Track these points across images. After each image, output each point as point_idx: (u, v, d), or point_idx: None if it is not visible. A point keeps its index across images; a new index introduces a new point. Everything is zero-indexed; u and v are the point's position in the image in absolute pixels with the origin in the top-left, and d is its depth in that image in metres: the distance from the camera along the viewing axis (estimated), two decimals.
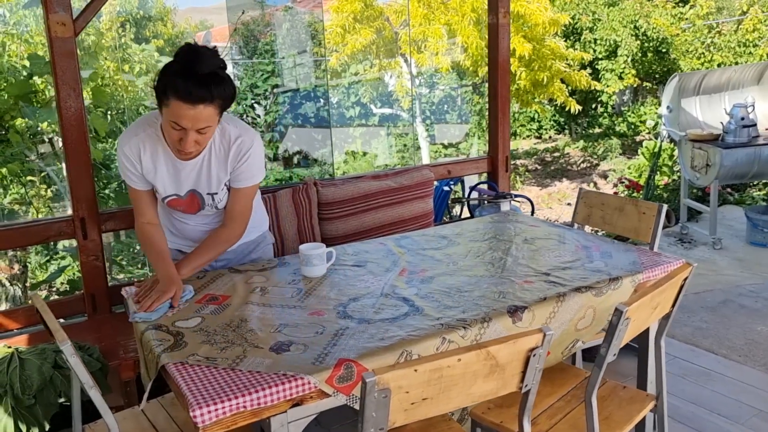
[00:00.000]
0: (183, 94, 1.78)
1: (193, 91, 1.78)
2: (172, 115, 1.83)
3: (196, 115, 1.82)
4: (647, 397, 1.95)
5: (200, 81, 1.79)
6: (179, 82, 1.78)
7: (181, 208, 2.14)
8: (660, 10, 12.50)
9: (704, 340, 3.38)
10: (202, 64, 1.79)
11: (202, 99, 1.80)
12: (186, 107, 1.80)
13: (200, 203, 2.12)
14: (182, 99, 1.79)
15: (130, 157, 2.01)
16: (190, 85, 1.78)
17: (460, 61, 9.96)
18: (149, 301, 1.83)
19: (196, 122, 1.83)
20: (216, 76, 1.82)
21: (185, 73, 1.79)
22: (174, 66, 1.82)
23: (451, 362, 1.30)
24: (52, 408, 2.12)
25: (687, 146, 5.35)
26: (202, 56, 1.81)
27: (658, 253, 2.22)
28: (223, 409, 1.36)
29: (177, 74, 1.80)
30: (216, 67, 1.83)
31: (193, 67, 1.79)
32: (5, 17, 6.17)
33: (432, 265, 2.15)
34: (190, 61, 1.80)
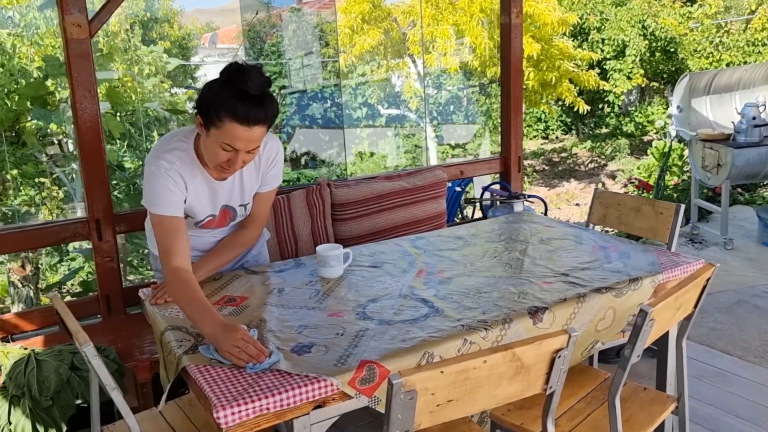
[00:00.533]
0: (241, 116, 1.71)
1: (251, 114, 1.72)
2: (226, 137, 1.75)
3: (251, 136, 1.76)
4: (668, 398, 1.94)
5: (256, 102, 1.73)
6: (237, 105, 1.71)
7: (214, 226, 2.08)
8: (668, 10, 12.45)
9: (719, 341, 3.36)
10: (254, 84, 1.72)
11: (259, 120, 1.74)
12: (242, 129, 1.73)
13: (232, 215, 2.09)
14: (239, 121, 1.72)
15: (177, 183, 1.87)
16: (247, 107, 1.71)
17: (468, 62, 9.95)
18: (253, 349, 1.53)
19: (249, 143, 1.77)
20: (266, 95, 1.77)
21: (241, 94, 1.71)
22: (226, 87, 1.74)
23: (476, 364, 1.29)
24: (69, 410, 2.12)
25: (698, 146, 5.32)
26: (253, 75, 1.73)
27: (677, 254, 2.20)
28: (247, 410, 1.35)
29: (233, 96, 1.71)
30: (266, 86, 1.76)
31: (246, 88, 1.71)
32: (15, 19, 6.19)
33: (449, 265, 2.14)
34: (243, 81, 1.72)
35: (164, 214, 1.85)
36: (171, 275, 1.79)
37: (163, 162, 1.86)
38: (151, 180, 1.86)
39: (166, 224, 1.85)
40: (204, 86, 1.81)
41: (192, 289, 1.74)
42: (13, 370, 2.14)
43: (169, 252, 1.82)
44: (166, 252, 1.82)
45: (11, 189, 5.04)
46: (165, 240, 1.84)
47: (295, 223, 2.92)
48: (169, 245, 1.82)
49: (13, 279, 4.28)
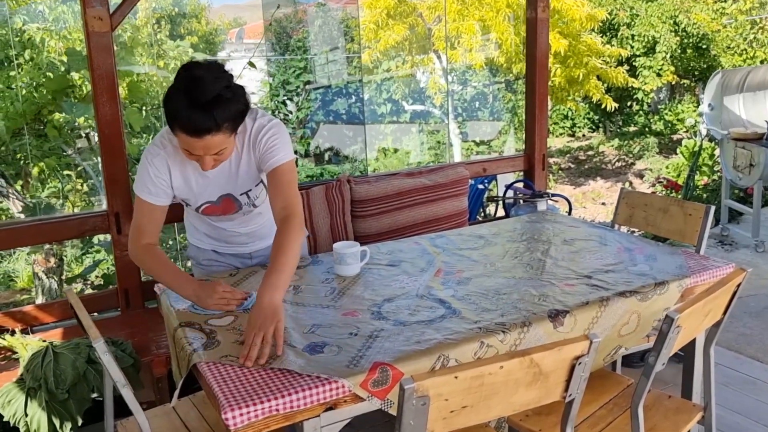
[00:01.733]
0: (189, 129, 1.69)
1: (197, 124, 1.68)
2: (183, 144, 1.76)
3: (206, 144, 1.73)
4: (694, 407, 1.87)
5: (203, 110, 1.67)
6: (184, 116, 1.68)
7: (219, 213, 2.06)
8: (701, 5, 12.16)
9: (748, 347, 3.25)
10: (203, 92, 1.67)
11: (208, 130, 1.69)
12: (194, 140, 1.71)
13: (236, 205, 2.05)
14: (188, 133, 1.70)
15: (159, 171, 1.90)
16: (192, 117, 1.67)
17: (493, 58, 9.84)
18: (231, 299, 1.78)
19: (207, 149, 1.75)
20: (219, 100, 1.69)
21: (190, 104, 1.67)
22: (176, 96, 1.70)
23: (492, 369, 1.24)
24: (85, 403, 2.13)
25: (729, 145, 5.18)
26: (202, 82, 1.67)
27: (706, 257, 2.12)
28: (256, 411, 1.32)
29: (182, 107, 1.68)
30: (218, 90, 1.69)
31: (192, 97, 1.67)
32: (45, 14, 6.27)
33: (468, 265, 2.09)
34: (189, 90, 1.68)
35: (142, 198, 1.92)
36: (142, 251, 1.90)
37: (152, 149, 1.93)
38: (140, 165, 1.94)
39: (142, 207, 1.93)
40: (165, 92, 1.77)
41: (164, 261, 1.88)
42: (30, 362, 2.15)
43: (140, 232, 1.91)
44: (138, 231, 1.92)
45: (36, 182, 5.11)
46: (139, 221, 1.93)
47: (314, 219, 2.89)
48: (142, 226, 1.92)
49: (38, 270, 4.34)
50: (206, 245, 2.21)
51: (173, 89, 1.72)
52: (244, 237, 2.19)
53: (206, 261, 2.24)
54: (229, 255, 2.23)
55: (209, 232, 2.18)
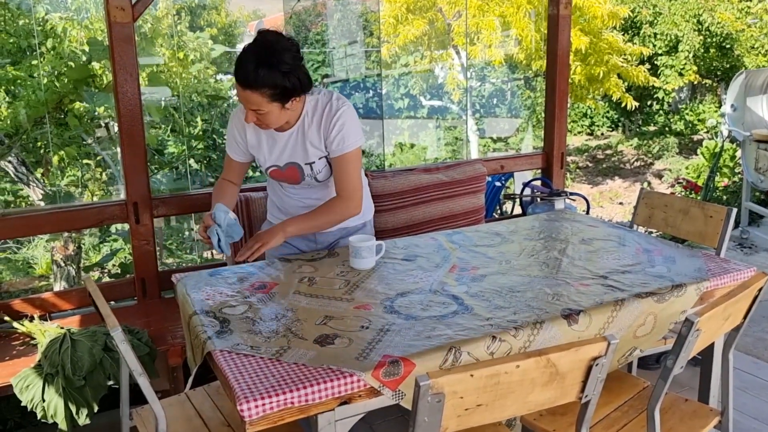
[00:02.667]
0: (236, 73, 1.95)
1: (241, 73, 1.93)
2: (241, 98, 2.00)
3: (247, 97, 1.96)
4: (711, 411, 1.85)
5: (252, 65, 1.91)
6: (238, 62, 1.94)
7: (283, 179, 2.25)
8: (725, 4, 11.97)
9: (766, 352, 3.21)
10: (260, 52, 1.92)
11: (248, 84, 1.93)
12: (239, 87, 1.96)
13: (300, 174, 2.20)
14: (235, 77, 1.97)
15: (238, 131, 2.19)
16: (242, 66, 1.92)
17: (513, 54, 9.77)
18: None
19: (247, 103, 1.98)
20: (269, 64, 1.91)
21: (246, 55, 1.93)
22: (245, 48, 1.97)
23: (508, 368, 1.24)
24: (101, 390, 2.15)
25: (751, 147, 5.10)
26: (267, 46, 1.94)
27: (727, 260, 2.09)
28: (271, 404, 1.33)
29: (241, 55, 1.95)
30: (274, 58, 1.92)
31: (252, 52, 1.93)
32: (67, 3, 6.33)
33: (484, 262, 2.08)
34: (255, 46, 1.94)
35: (227, 151, 2.28)
36: (217, 182, 2.29)
37: (235, 110, 2.22)
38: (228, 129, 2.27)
39: (226, 160, 2.29)
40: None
41: (220, 189, 2.24)
42: (48, 348, 2.17)
43: (224, 172, 2.29)
44: (224, 172, 2.29)
45: (56, 170, 5.17)
46: (225, 166, 2.30)
47: None
48: (226, 168, 2.29)
49: (57, 257, 4.39)
50: (277, 220, 2.29)
51: (249, 44, 1.98)
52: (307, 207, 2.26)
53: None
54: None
55: (280, 203, 2.33)
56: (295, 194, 2.28)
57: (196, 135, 5.86)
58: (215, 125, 6.40)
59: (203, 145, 6.33)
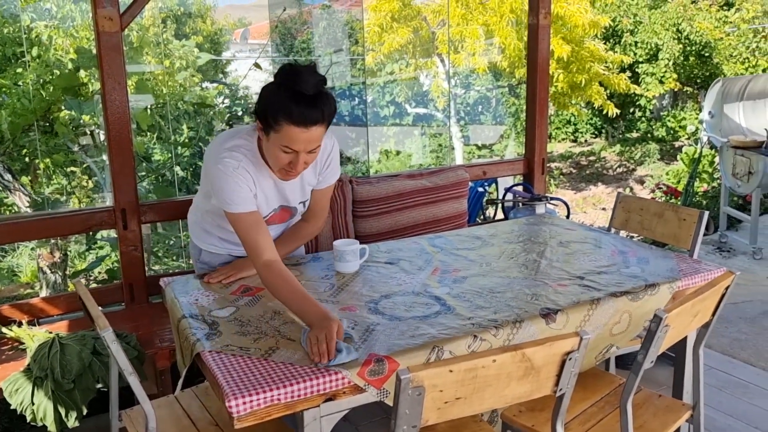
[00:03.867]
0: (297, 118, 1.73)
1: (307, 115, 1.74)
2: (285, 139, 1.78)
3: (310, 137, 1.78)
4: (683, 406, 1.92)
5: (311, 103, 1.74)
6: (293, 107, 1.73)
7: (276, 222, 2.13)
8: (704, 14, 12.22)
9: (742, 352, 3.30)
10: (308, 85, 1.74)
11: (316, 120, 1.76)
12: (300, 131, 1.75)
13: (291, 212, 2.16)
14: (296, 123, 1.74)
15: (246, 181, 1.89)
16: (303, 108, 1.73)
17: (497, 62, 9.89)
18: (324, 347, 1.51)
19: (308, 144, 1.80)
20: (322, 94, 1.77)
21: (296, 96, 1.73)
22: (281, 90, 1.76)
23: (485, 363, 1.30)
24: (90, 393, 2.18)
25: (729, 153, 5.22)
26: (306, 76, 1.75)
27: (698, 261, 2.17)
28: (258, 400, 1.38)
29: (288, 99, 1.73)
30: (321, 85, 1.77)
31: (301, 89, 1.73)
32: (53, 11, 6.33)
33: (465, 265, 2.14)
34: (297, 82, 1.74)
35: (241, 211, 1.87)
36: (265, 270, 1.80)
37: (230, 161, 1.88)
38: (223, 180, 1.87)
39: (245, 220, 1.87)
40: (261, 91, 1.82)
41: (290, 282, 1.76)
42: (37, 352, 2.20)
43: (256, 248, 1.83)
44: (253, 248, 1.84)
45: (42, 177, 5.18)
46: (249, 236, 1.85)
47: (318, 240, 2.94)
48: (255, 241, 1.84)
49: (42, 265, 4.40)
50: (221, 250, 2.20)
51: (275, 84, 1.78)
52: None
53: (221, 265, 2.17)
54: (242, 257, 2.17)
55: (228, 237, 2.13)
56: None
57: (183, 142, 5.88)
58: (201, 133, 6.43)
59: (189, 153, 6.35)
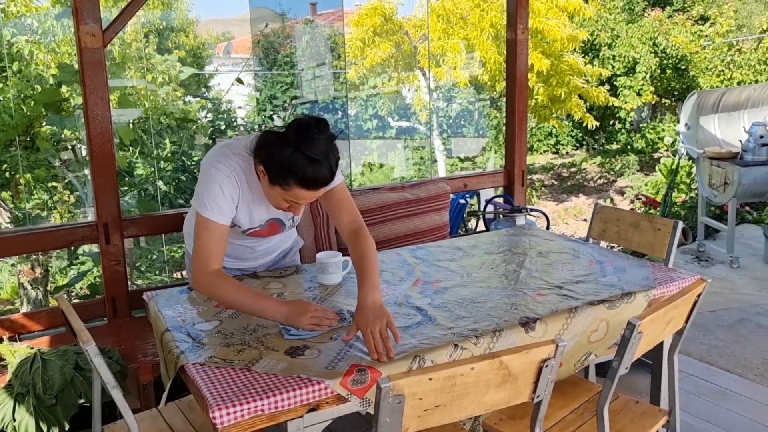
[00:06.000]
0: (310, 183, 1.76)
1: (319, 180, 1.76)
2: (292, 196, 1.81)
3: (317, 194, 1.83)
4: (660, 412, 1.96)
5: (323, 165, 1.74)
6: (306, 173, 1.73)
7: (259, 234, 2.11)
8: (679, 28, 12.50)
9: (720, 359, 3.36)
10: (320, 150, 1.73)
11: (326, 182, 1.79)
12: (310, 192, 1.79)
13: (281, 227, 2.13)
14: (307, 187, 1.77)
15: (231, 191, 1.88)
16: (315, 174, 1.74)
17: (478, 76, 10.02)
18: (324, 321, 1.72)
19: (314, 197, 1.84)
20: (330, 152, 1.76)
21: (309, 161, 1.72)
22: (295, 154, 1.73)
23: (464, 370, 1.33)
24: (72, 408, 2.17)
25: (705, 164, 5.33)
26: (320, 141, 1.74)
27: (673, 269, 2.23)
28: (242, 411, 1.39)
29: (301, 165, 1.72)
30: (327, 145, 1.76)
31: (314, 155, 1.72)
32: (34, 27, 6.32)
33: (446, 276, 2.17)
34: (311, 149, 1.72)
35: (213, 219, 1.86)
36: (214, 278, 1.82)
37: (224, 167, 1.87)
38: (210, 183, 1.87)
39: (212, 229, 1.86)
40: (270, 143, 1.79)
41: (240, 286, 1.82)
42: (19, 368, 2.19)
43: (209, 257, 1.84)
44: (206, 257, 1.84)
45: (24, 193, 5.14)
46: (206, 245, 1.85)
47: (299, 231, 2.96)
48: (210, 250, 1.85)
49: (23, 281, 4.36)
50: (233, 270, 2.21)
51: (288, 145, 1.74)
52: (257, 253, 2.24)
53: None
54: (234, 270, 2.23)
55: (230, 250, 2.10)
56: (254, 243, 2.18)
57: (165, 157, 5.88)
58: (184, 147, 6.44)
59: (172, 167, 6.35)
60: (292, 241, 2.40)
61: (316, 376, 1.48)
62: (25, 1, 6.35)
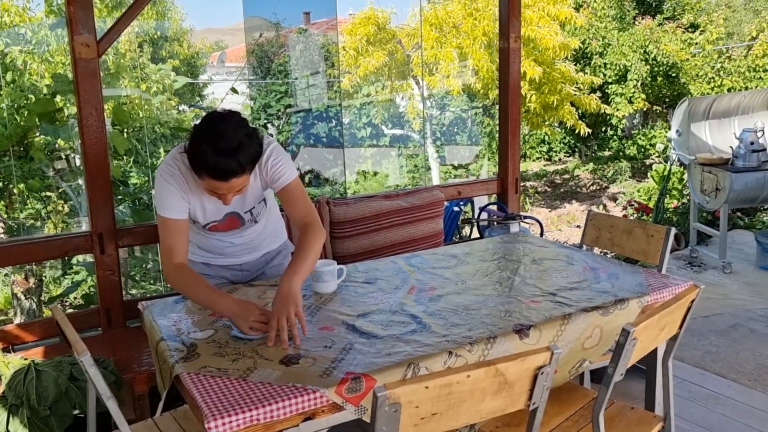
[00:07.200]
0: (215, 173, 1.84)
1: (224, 170, 1.84)
2: (208, 185, 1.91)
3: (231, 185, 1.89)
4: (654, 418, 1.97)
5: (229, 156, 1.82)
6: (210, 163, 1.82)
7: (222, 229, 2.19)
8: (670, 36, 12.61)
9: (714, 364, 3.37)
10: (226, 140, 1.82)
11: (234, 173, 1.85)
12: (219, 183, 1.87)
13: (240, 221, 2.19)
14: (214, 177, 1.86)
15: (177, 188, 2.00)
16: (220, 163, 1.82)
17: (471, 84, 10.07)
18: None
19: (231, 189, 1.92)
20: (241, 146, 1.84)
21: (215, 152, 1.82)
22: (201, 144, 1.84)
23: (460, 378, 1.33)
24: (67, 420, 2.16)
25: (696, 170, 5.37)
26: (225, 133, 1.84)
27: (666, 275, 2.24)
28: (237, 421, 1.39)
29: (207, 154, 1.82)
30: (240, 137, 1.85)
31: (218, 146, 1.82)
32: (27, 37, 6.33)
33: (441, 283, 2.18)
34: (215, 140, 1.82)
35: (167, 216, 2.00)
36: (175, 271, 1.97)
37: (168, 168, 2.02)
38: (159, 185, 2.03)
39: (170, 225, 2.00)
40: (190, 137, 1.89)
41: (198, 280, 1.94)
42: (12, 379, 2.18)
43: (171, 251, 1.99)
44: (168, 251, 1.99)
45: (17, 203, 5.13)
46: (168, 240, 2.00)
47: (294, 239, 2.96)
48: (172, 245, 1.99)
49: (17, 291, 4.34)
50: (197, 257, 2.30)
51: (198, 139, 1.85)
52: (237, 248, 2.29)
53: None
54: (219, 267, 2.32)
55: (201, 243, 2.27)
56: (225, 237, 2.25)
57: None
58: None
59: None
60: (278, 243, 2.42)
61: (311, 385, 1.49)
62: (19, 12, 6.35)
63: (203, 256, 2.31)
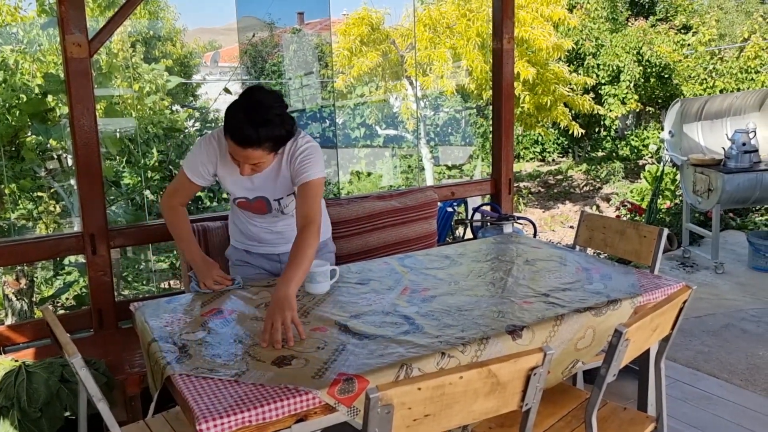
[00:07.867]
0: (235, 136, 2.02)
1: (244, 136, 2.00)
2: (230, 148, 2.08)
3: (247, 154, 2.05)
4: (647, 418, 1.97)
5: (253, 126, 1.99)
6: (236, 127, 2.01)
7: (250, 209, 2.33)
8: (662, 37, 12.66)
9: (706, 364, 3.39)
10: (257, 112, 2.01)
11: (251, 143, 2.01)
12: (237, 148, 2.03)
13: (267, 207, 2.30)
14: (234, 141, 2.03)
15: (209, 159, 2.23)
16: (243, 130, 2.00)
17: (464, 84, 10.08)
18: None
19: (246, 159, 2.07)
20: (267, 122, 2.01)
21: (243, 119, 2.00)
22: (234, 109, 2.04)
23: (452, 380, 1.33)
24: (58, 422, 2.14)
25: (689, 171, 5.39)
26: (260, 106, 2.02)
27: (659, 276, 2.25)
28: (229, 423, 1.39)
29: (236, 119, 2.02)
30: (269, 115, 2.02)
31: (247, 113, 2.01)
32: (19, 36, 6.28)
33: (434, 284, 2.18)
34: (248, 108, 2.02)
35: (185, 173, 2.26)
36: (170, 207, 2.30)
37: (208, 139, 2.25)
38: (195, 146, 2.29)
39: (183, 179, 2.27)
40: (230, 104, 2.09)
41: (183, 222, 2.29)
42: (3, 381, 2.16)
43: (175, 193, 2.31)
44: (173, 192, 2.31)
45: (9, 203, 5.09)
46: (176, 185, 2.31)
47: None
48: (177, 190, 2.30)
49: (8, 292, 4.31)
50: (240, 245, 2.46)
51: (236, 103, 2.06)
52: (274, 236, 2.39)
53: (239, 261, 2.47)
54: (258, 255, 2.44)
55: (244, 229, 2.42)
56: (261, 223, 2.38)
57: (152, 166, 5.86)
58: (171, 156, 6.41)
59: (159, 176, 6.31)
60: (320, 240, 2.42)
61: (304, 386, 1.48)
62: (11, 11, 6.31)
63: (244, 243, 2.44)
